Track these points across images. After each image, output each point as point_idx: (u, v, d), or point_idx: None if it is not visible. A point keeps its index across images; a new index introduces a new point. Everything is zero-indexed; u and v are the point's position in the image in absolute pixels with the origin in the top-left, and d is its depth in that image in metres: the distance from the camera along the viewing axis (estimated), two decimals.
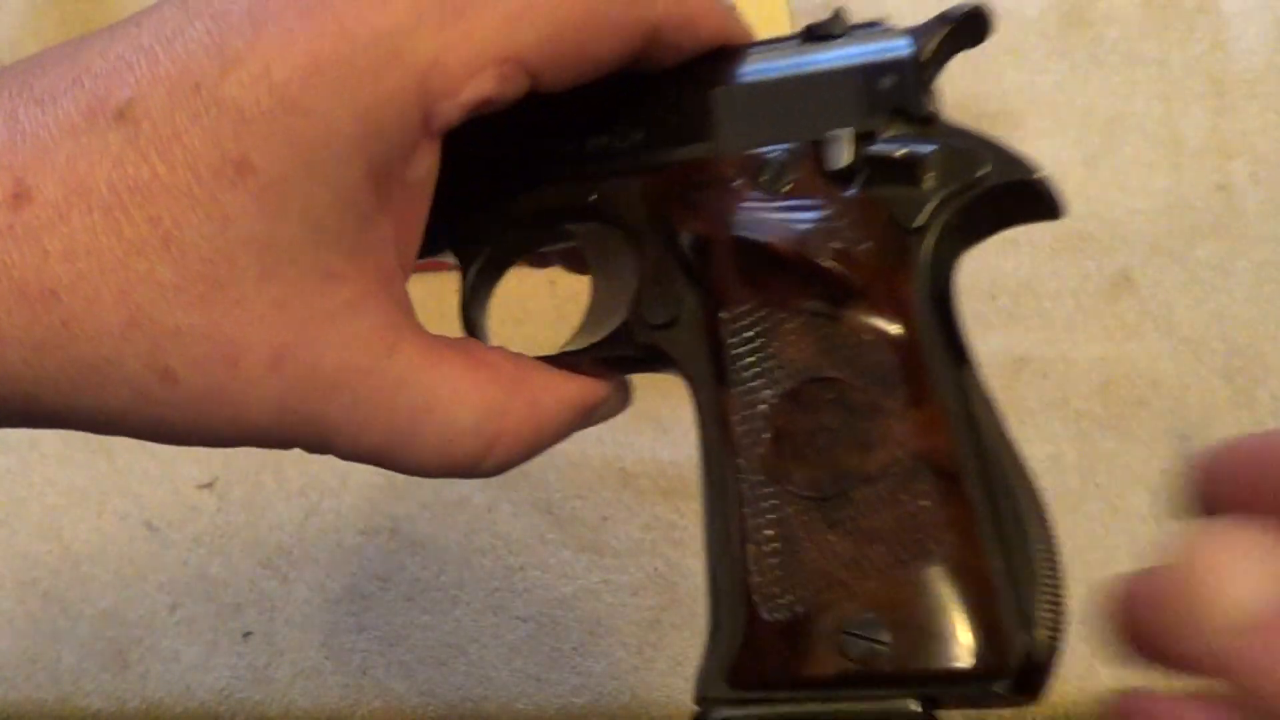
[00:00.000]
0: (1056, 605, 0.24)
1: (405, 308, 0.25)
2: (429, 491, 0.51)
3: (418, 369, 0.24)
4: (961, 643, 0.23)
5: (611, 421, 0.51)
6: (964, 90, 0.62)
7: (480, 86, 0.23)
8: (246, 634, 0.50)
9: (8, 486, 0.53)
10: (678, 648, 0.50)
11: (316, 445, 0.25)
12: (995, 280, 0.57)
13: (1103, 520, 0.51)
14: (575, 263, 0.31)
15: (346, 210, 0.23)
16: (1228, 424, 0.53)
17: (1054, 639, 0.24)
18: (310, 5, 0.22)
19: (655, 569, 0.51)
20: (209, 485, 0.52)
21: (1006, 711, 0.47)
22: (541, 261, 0.31)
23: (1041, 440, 0.53)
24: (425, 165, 0.24)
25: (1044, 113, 0.62)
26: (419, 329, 0.25)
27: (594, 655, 0.48)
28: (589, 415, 0.28)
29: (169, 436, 0.24)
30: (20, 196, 0.21)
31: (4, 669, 0.50)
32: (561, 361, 0.28)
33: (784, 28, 0.58)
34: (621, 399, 0.29)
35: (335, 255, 0.23)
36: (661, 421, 0.54)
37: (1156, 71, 0.63)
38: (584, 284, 0.46)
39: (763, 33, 0.32)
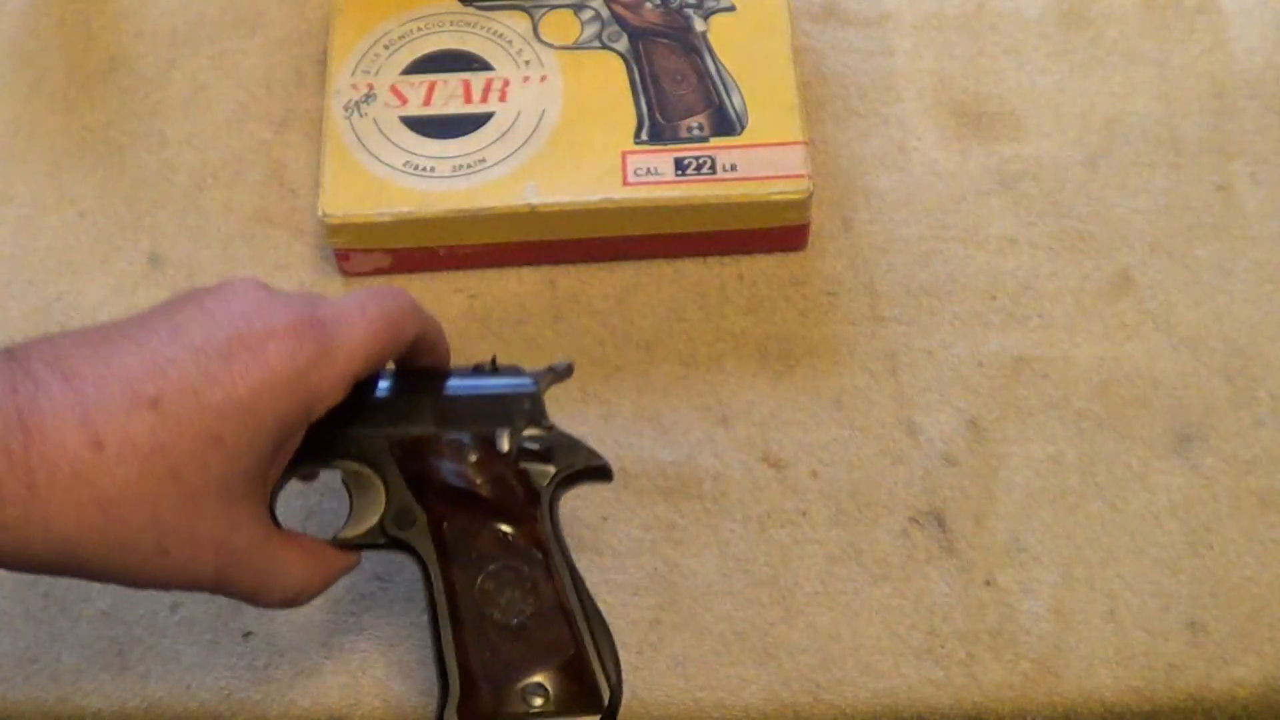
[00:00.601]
0: (619, 673, 0.43)
1: (269, 509, 0.41)
2: None
3: (276, 550, 0.40)
4: (581, 697, 0.43)
5: (611, 421, 0.52)
6: (964, 90, 0.62)
7: (336, 395, 0.40)
8: (246, 634, 0.50)
9: None
10: (677, 647, 0.50)
11: (221, 592, 0.40)
12: (995, 280, 0.57)
13: (1103, 520, 0.51)
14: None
15: (263, 464, 0.39)
16: (1228, 424, 0.53)
17: (619, 692, 0.43)
18: (254, 349, 0.38)
19: (655, 569, 0.51)
20: None
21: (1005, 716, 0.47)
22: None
23: (1041, 440, 0.53)
24: (300, 436, 0.41)
25: (1044, 113, 0.61)
26: (274, 524, 0.41)
27: None
28: (345, 573, 0.44)
29: (149, 586, 0.38)
30: (96, 445, 0.35)
31: (4, 669, 0.50)
32: (337, 543, 0.44)
33: (785, 27, 0.59)
34: (358, 561, 0.45)
35: (252, 486, 0.39)
36: (661, 421, 0.54)
37: (1156, 71, 0.63)
38: (582, 285, 0.59)
39: (764, 33, 0.59)
